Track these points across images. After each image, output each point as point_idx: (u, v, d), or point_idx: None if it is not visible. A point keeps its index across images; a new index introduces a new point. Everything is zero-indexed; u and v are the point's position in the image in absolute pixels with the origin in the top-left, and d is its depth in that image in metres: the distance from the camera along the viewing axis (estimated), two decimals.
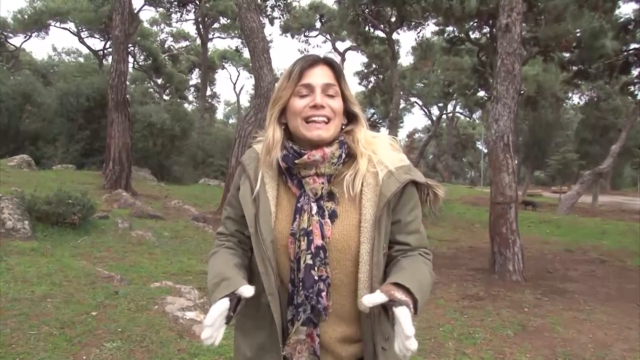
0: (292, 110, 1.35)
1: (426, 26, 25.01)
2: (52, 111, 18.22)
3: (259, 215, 1.35)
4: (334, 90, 1.35)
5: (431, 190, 1.42)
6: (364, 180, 1.34)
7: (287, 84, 1.36)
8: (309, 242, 1.29)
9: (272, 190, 1.38)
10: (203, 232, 8.72)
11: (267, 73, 10.96)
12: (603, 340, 4.65)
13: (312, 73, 1.35)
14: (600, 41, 17.97)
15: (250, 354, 1.42)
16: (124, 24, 12.36)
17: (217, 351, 3.56)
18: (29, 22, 30.12)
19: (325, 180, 1.34)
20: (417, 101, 46.85)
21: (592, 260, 8.95)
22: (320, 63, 1.37)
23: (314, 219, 1.30)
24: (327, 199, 1.34)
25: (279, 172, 1.40)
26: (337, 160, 1.34)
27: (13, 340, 3.37)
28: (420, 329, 4.68)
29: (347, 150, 1.36)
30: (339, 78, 1.37)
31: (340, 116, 1.36)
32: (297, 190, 1.36)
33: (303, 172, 1.34)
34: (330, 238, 1.31)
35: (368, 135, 1.40)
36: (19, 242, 5.87)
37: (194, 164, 23.58)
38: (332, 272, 1.32)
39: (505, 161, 7.34)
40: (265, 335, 1.37)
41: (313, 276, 1.29)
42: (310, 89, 1.33)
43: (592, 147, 33.73)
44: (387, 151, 1.38)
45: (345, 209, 1.34)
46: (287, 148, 1.35)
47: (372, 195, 1.32)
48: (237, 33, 34.48)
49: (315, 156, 1.31)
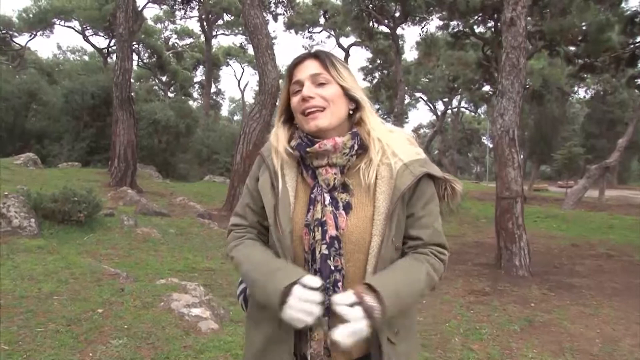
0: (292, 108, 1.39)
1: (430, 21, 24.86)
2: (58, 109, 18.30)
3: (278, 206, 1.35)
4: (323, 78, 1.36)
5: (449, 184, 1.42)
6: (378, 173, 1.34)
7: (284, 86, 1.42)
8: (323, 232, 1.30)
9: (292, 182, 1.39)
10: (208, 229, 8.74)
11: (271, 69, 10.95)
12: (611, 335, 4.63)
13: (300, 69, 1.38)
14: (607, 34, 17.82)
15: (260, 345, 1.41)
16: (128, 22, 12.37)
17: (223, 347, 3.56)
18: (34, 20, 30.17)
19: (338, 171, 1.34)
20: (421, 96, 46.69)
21: (599, 255, 8.90)
22: (306, 59, 1.40)
23: (327, 209, 1.31)
24: (341, 191, 1.34)
25: (297, 164, 1.40)
26: (349, 151, 1.34)
27: (20, 337, 3.39)
28: (427, 324, 4.68)
29: (359, 141, 1.36)
30: (327, 66, 1.37)
31: (338, 102, 1.36)
32: (311, 181, 1.37)
33: (315, 162, 1.35)
34: (344, 230, 1.31)
35: (383, 128, 1.40)
36: (26, 239, 5.89)
37: (199, 161, 23.61)
38: (346, 264, 1.31)
39: (511, 156, 7.30)
40: (275, 326, 1.35)
41: (329, 266, 1.29)
42: (300, 84, 1.36)
43: (599, 141, 33.57)
44: (402, 144, 1.38)
45: (359, 201, 1.34)
46: (301, 137, 1.36)
47: (387, 188, 1.32)
48: (241, 30, 34.48)
49: (326, 145, 1.32)
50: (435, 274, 1.35)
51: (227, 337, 3.76)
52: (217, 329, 3.94)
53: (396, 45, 24.87)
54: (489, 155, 47.28)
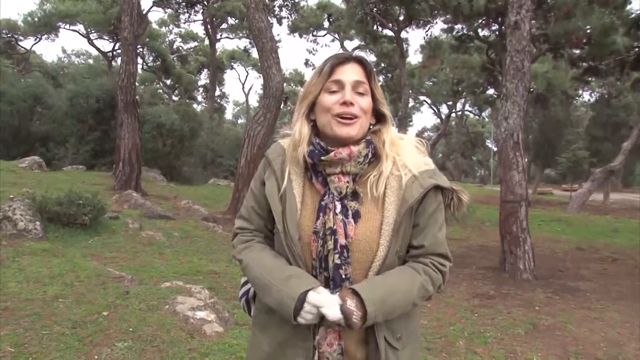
0: (322, 106, 1.35)
1: (435, 24, 24.93)
2: (63, 113, 18.34)
3: (285, 212, 1.35)
4: (363, 88, 1.34)
5: (455, 194, 1.42)
6: (388, 183, 1.34)
7: (317, 79, 1.36)
8: (335, 241, 1.29)
9: (299, 187, 1.38)
10: (213, 232, 8.75)
11: (275, 73, 10.97)
12: (615, 339, 4.61)
13: (343, 70, 1.34)
14: (611, 37, 17.78)
15: (269, 349, 1.40)
16: (133, 26, 12.40)
17: (228, 351, 3.57)
18: (39, 24, 30.31)
19: (351, 180, 1.34)
20: (426, 100, 46.70)
21: (604, 258, 8.87)
22: (351, 61, 1.36)
23: (337, 217, 1.30)
24: (351, 199, 1.34)
25: (305, 169, 1.39)
26: (363, 160, 1.34)
27: (26, 340, 3.40)
28: (431, 327, 4.67)
29: (373, 150, 1.36)
30: (369, 77, 1.36)
31: (368, 115, 1.36)
32: (321, 187, 1.36)
33: (328, 169, 1.34)
34: (352, 238, 1.31)
35: (394, 136, 1.40)
36: (31, 242, 5.92)
37: (203, 164, 23.63)
38: (353, 272, 1.32)
39: (515, 159, 7.29)
40: (289, 332, 1.35)
41: (341, 275, 1.29)
42: (340, 85, 1.33)
43: (603, 144, 33.39)
44: (412, 154, 1.39)
45: (368, 209, 1.34)
46: (314, 144, 1.35)
47: (395, 199, 1.32)
48: (245, 33, 34.52)
49: (342, 154, 1.31)
50: (431, 287, 1.35)
51: (232, 340, 3.77)
52: (221, 332, 3.95)
53: (400, 48, 24.89)
54: (493, 158, 47.26)
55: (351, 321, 1.22)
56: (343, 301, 1.23)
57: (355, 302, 1.23)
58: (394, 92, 32.93)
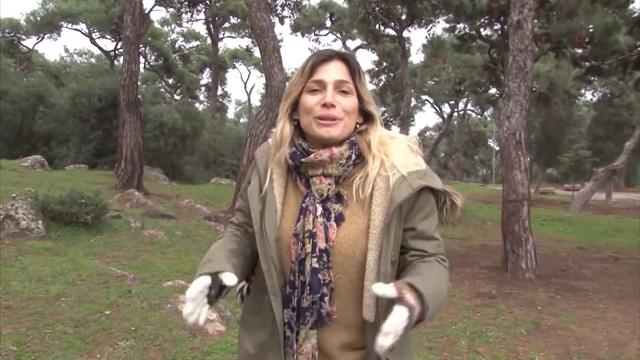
0: (303, 106, 1.29)
1: (437, 23, 24.89)
2: (65, 112, 18.40)
3: (264, 212, 1.31)
4: (347, 87, 1.28)
5: (449, 198, 1.34)
6: (375, 185, 1.27)
7: (298, 78, 1.30)
8: (313, 244, 1.24)
9: (280, 188, 1.33)
10: (215, 231, 8.75)
11: (277, 72, 10.96)
12: (618, 339, 4.60)
13: (324, 69, 1.28)
14: (614, 37, 17.77)
15: (252, 351, 1.37)
16: (135, 25, 12.42)
17: (230, 349, 3.58)
18: (41, 23, 30.40)
19: (333, 182, 1.27)
20: (428, 99, 46.60)
21: (606, 258, 8.85)
22: (334, 58, 1.30)
23: (318, 220, 1.25)
24: (334, 201, 1.28)
25: (288, 169, 1.34)
26: (346, 162, 1.27)
27: (28, 338, 3.41)
28: (433, 327, 4.67)
29: (357, 151, 1.29)
30: (354, 75, 1.29)
31: (353, 115, 1.29)
32: (305, 189, 1.30)
33: (310, 171, 1.29)
34: (334, 242, 1.25)
35: (384, 136, 1.33)
36: (33, 241, 5.93)
37: (205, 164, 23.67)
38: (335, 276, 1.26)
39: (518, 159, 7.28)
40: (268, 333, 1.32)
41: (319, 279, 1.23)
42: (322, 85, 1.27)
43: (606, 144, 33.40)
44: (401, 154, 1.31)
45: (353, 212, 1.28)
46: (296, 145, 1.30)
47: (383, 200, 1.25)
48: (247, 32, 34.49)
49: (322, 156, 1.25)
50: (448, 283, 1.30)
51: (234, 339, 3.77)
52: (223, 331, 3.96)
53: (402, 47, 24.85)
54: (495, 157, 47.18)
55: (412, 319, 1.05)
56: (400, 296, 1.05)
57: (414, 297, 1.07)
58: (396, 92, 32.87)
